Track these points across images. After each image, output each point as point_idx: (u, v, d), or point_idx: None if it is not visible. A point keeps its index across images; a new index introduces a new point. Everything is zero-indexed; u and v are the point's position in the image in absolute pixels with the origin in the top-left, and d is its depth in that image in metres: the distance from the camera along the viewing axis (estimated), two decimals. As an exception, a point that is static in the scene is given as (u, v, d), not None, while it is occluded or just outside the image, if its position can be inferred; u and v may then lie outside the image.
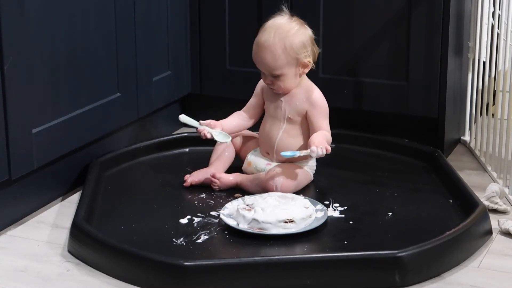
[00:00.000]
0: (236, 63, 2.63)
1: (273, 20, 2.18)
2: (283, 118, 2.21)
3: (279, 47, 2.13)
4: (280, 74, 2.14)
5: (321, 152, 2.09)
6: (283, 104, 2.20)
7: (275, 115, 2.22)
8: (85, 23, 2.20)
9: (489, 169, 2.40)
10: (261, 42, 2.14)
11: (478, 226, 1.92)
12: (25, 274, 1.82)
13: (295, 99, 2.19)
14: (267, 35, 2.14)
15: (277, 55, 2.13)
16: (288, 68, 2.15)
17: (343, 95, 2.53)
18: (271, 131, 2.22)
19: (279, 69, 2.14)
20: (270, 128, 2.22)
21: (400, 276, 1.75)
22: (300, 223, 1.93)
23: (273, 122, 2.22)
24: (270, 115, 2.24)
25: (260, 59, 2.15)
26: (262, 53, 2.14)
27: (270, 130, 2.22)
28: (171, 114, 2.70)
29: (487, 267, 1.84)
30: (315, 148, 2.09)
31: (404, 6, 2.42)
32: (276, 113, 2.22)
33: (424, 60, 2.42)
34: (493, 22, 2.43)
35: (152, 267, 1.75)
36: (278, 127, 2.21)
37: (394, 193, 2.17)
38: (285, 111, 2.20)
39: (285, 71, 2.15)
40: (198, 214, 2.04)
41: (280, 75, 2.15)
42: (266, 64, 2.14)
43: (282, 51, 2.13)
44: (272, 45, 2.13)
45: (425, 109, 2.46)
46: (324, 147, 2.09)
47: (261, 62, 2.15)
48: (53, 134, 2.12)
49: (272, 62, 2.13)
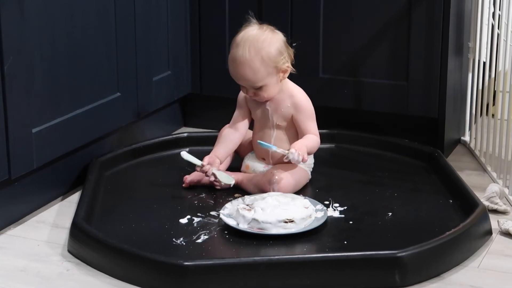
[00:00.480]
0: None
1: (244, 33, 2.14)
2: (272, 126, 2.20)
3: (257, 60, 2.10)
4: (262, 85, 2.13)
5: (297, 158, 2.07)
6: (270, 112, 2.19)
7: (264, 123, 2.21)
8: (85, 23, 2.20)
9: (489, 169, 2.39)
10: (238, 58, 2.11)
11: (478, 226, 1.92)
12: (24, 274, 1.82)
13: (280, 105, 2.18)
14: (241, 50, 2.11)
15: (256, 68, 2.10)
16: (269, 78, 2.13)
17: (343, 95, 2.53)
18: (263, 139, 2.19)
19: (261, 81, 2.12)
20: (262, 136, 2.20)
21: (400, 276, 1.75)
22: (300, 223, 1.93)
23: (264, 130, 2.21)
24: (259, 123, 2.23)
25: (240, 75, 2.12)
26: (240, 69, 2.11)
27: (262, 138, 2.20)
28: (171, 114, 2.70)
29: (487, 267, 1.84)
30: (294, 151, 2.07)
31: (404, 6, 2.42)
32: (265, 122, 2.21)
33: (424, 60, 2.42)
34: (493, 22, 2.43)
35: (152, 267, 1.75)
36: (269, 135, 2.20)
37: (394, 193, 2.17)
38: (272, 118, 2.19)
39: (266, 82, 2.13)
40: (198, 214, 2.04)
41: (262, 86, 2.13)
42: (247, 80, 2.12)
43: (260, 63, 2.10)
44: (250, 60, 2.10)
45: (425, 109, 2.46)
46: (302, 155, 2.07)
47: (241, 78, 2.13)
48: (53, 134, 2.12)
49: (252, 77, 2.11)
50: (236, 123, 2.25)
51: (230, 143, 2.23)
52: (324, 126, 2.39)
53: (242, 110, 2.25)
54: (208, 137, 2.43)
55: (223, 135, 2.24)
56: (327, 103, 2.51)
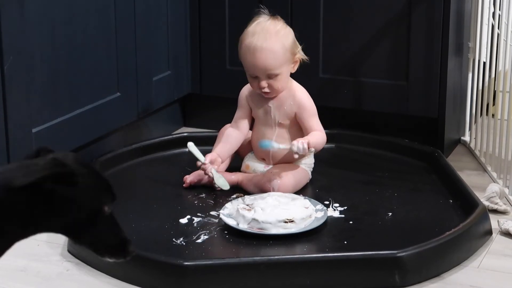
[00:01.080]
0: (236, 63, 2.61)
1: (257, 23, 2.16)
2: (274, 124, 2.20)
3: (277, 45, 2.12)
4: (278, 73, 2.13)
5: (301, 146, 2.07)
6: (272, 110, 2.19)
7: (265, 122, 2.21)
8: (85, 23, 2.20)
9: (489, 169, 2.39)
10: (258, 45, 2.11)
11: (478, 226, 1.92)
12: (24, 273, 1.82)
13: (283, 103, 2.18)
14: (261, 37, 2.12)
15: (277, 53, 2.12)
16: (286, 66, 2.14)
17: (343, 95, 2.53)
18: (265, 138, 2.19)
19: (279, 68, 2.13)
20: (263, 135, 2.21)
21: (400, 276, 1.75)
22: (300, 223, 1.93)
23: (265, 129, 2.21)
24: (261, 122, 2.23)
25: (259, 62, 2.12)
26: (261, 55, 2.11)
27: (264, 137, 2.20)
28: (171, 114, 2.70)
29: (487, 268, 1.84)
30: (296, 142, 2.08)
31: (404, 6, 2.42)
32: (267, 120, 2.21)
33: (424, 60, 2.42)
34: (493, 22, 2.43)
35: (152, 267, 1.75)
36: (270, 133, 2.20)
37: (394, 193, 2.17)
38: (275, 116, 2.19)
39: (282, 70, 2.14)
40: (198, 214, 2.04)
41: (278, 75, 2.14)
42: (267, 65, 2.12)
43: (280, 48, 2.12)
44: (271, 45, 2.12)
45: (425, 109, 2.46)
46: (306, 142, 2.07)
47: (260, 65, 2.12)
48: (53, 134, 2.12)
49: (273, 62, 2.12)
50: (238, 122, 2.25)
51: (233, 142, 2.24)
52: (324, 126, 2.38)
53: (243, 109, 2.25)
54: (208, 137, 2.43)
55: (225, 134, 2.24)
56: (327, 103, 2.51)
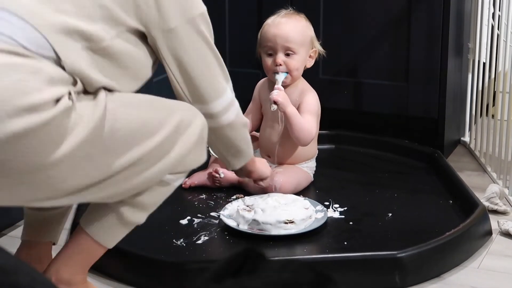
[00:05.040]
0: (236, 63, 2.62)
1: (279, 13, 2.19)
2: (280, 120, 2.20)
3: (300, 25, 2.16)
4: (295, 50, 2.14)
5: (275, 95, 2.09)
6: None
7: (272, 117, 2.22)
8: (85, 24, 2.20)
9: (489, 170, 2.40)
10: (283, 20, 2.15)
11: (478, 227, 1.92)
12: (25, 274, 1.82)
13: (289, 94, 2.18)
14: (286, 17, 2.16)
15: (299, 30, 2.15)
16: (304, 50, 2.15)
17: (343, 96, 2.53)
18: (271, 135, 2.21)
19: (298, 45, 2.14)
20: (270, 132, 2.22)
21: (400, 276, 1.75)
22: (300, 224, 1.93)
23: (272, 125, 2.22)
24: (268, 117, 2.24)
25: (281, 31, 2.14)
26: (285, 26, 2.14)
27: (270, 134, 2.21)
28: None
29: (487, 268, 1.84)
30: (277, 92, 2.11)
31: (404, 6, 2.42)
32: (274, 116, 2.22)
33: (424, 60, 2.42)
34: (493, 23, 2.43)
35: (152, 267, 1.75)
36: (277, 130, 2.21)
37: (394, 194, 2.17)
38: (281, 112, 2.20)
39: (300, 49, 2.15)
40: (198, 215, 2.04)
41: (295, 53, 2.14)
42: (288, 35, 2.13)
43: (303, 28, 2.15)
44: (294, 22, 2.15)
45: (425, 110, 2.46)
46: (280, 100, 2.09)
47: (282, 33, 2.14)
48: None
49: (295, 35, 2.14)
50: (248, 114, 2.27)
51: None
52: (324, 127, 2.39)
53: (254, 103, 2.28)
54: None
55: None
56: (327, 104, 2.50)
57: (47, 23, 1.43)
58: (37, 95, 1.34)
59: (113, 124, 1.44)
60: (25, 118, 1.33)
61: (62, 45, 1.43)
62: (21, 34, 1.40)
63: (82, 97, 1.45)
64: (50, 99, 1.36)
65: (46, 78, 1.37)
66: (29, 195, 1.42)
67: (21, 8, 1.43)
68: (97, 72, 1.47)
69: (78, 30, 1.45)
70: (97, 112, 1.42)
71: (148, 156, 1.49)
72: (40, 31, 1.42)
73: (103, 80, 1.48)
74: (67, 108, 1.38)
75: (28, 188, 1.40)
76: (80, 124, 1.40)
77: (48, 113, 1.35)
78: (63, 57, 1.42)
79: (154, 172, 1.52)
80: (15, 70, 1.35)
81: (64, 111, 1.38)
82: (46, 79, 1.37)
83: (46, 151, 1.36)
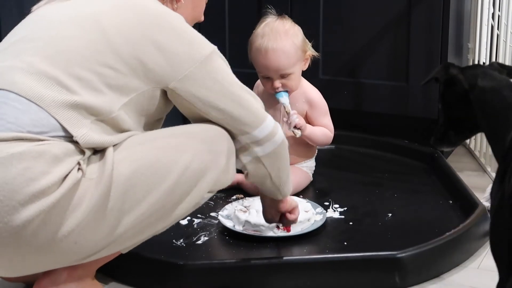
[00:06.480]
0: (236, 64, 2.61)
1: (265, 24, 2.15)
2: (280, 120, 2.20)
3: (288, 45, 2.11)
4: (291, 72, 2.13)
5: (295, 120, 2.10)
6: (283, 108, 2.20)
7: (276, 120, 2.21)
8: (85, 24, 2.19)
9: (489, 170, 2.39)
10: (269, 46, 2.11)
11: (478, 227, 1.92)
12: (25, 275, 1.82)
13: (294, 101, 2.18)
14: (271, 39, 2.12)
15: (288, 53, 2.11)
16: (298, 64, 2.15)
17: (343, 96, 2.53)
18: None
19: (291, 67, 2.13)
20: None
21: (400, 277, 1.75)
22: (296, 226, 1.91)
23: None
24: None
25: (272, 62, 2.11)
26: (273, 56, 2.11)
27: None
28: (171, 114, 2.69)
29: (487, 268, 1.84)
30: (297, 116, 2.11)
31: (404, 6, 2.42)
32: (276, 118, 2.21)
33: (424, 60, 2.42)
34: (493, 23, 2.43)
35: (152, 267, 1.75)
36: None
37: (394, 194, 2.17)
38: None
39: (295, 69, 2.14)
40: (198, 215, 2.03)
41: (291, 74, 2.13)
42: (280, 66, 2.12)
43: (291, 47, 2.11)
44: (282, 45, 2.11)
45: (425, 110, 2.46)
46: (301, 124, 2.10)
47: (273, 66, 2.12)
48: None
49: (286, 61, 2.11)
50: None
51: None
52: (324, 127, 2.39)
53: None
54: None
55: None
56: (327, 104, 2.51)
57: (53, 102, 1.45)
58: (44, 179, 1.39)
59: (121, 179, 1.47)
60: (36, 204, 1.39)
61: (72, 122, 1.46)
62: (25, 117, 1.43)
63: (91, 159, 1.49)
64: (58, 179, 1.41)
65: (50, 159, 1.41)
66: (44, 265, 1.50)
67: (27, 89, 1.45)
68: (108, 136, 1.50)
69: (86, 105, 1.47)
70: (106, 172, 1.45)
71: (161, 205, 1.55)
72: (48, 110, 1.45)
73: (115, 139, 1.51)
74: (76, 182, 1.43)
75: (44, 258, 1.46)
76: (89, 191, 1.44)
77: (56, 194, 1.40)
78: (74, 133, 1.46)
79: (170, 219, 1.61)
80: (19, 159, 1.39)
81: (73, 186, 1.42)
82: (51, 160, 1.41)
83: (58, 223, 1.42)
